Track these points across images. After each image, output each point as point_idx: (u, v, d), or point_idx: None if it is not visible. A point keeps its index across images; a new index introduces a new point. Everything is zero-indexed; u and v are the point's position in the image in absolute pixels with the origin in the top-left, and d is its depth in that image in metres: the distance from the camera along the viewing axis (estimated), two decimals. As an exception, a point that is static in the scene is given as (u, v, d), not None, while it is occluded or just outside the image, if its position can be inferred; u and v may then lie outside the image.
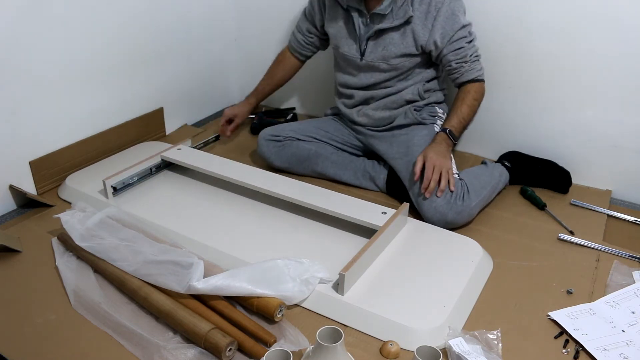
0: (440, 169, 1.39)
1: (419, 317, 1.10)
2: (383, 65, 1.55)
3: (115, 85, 1.75)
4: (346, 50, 1.59)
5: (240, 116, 1.84)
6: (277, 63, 1.83)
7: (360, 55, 1.56)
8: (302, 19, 1.74)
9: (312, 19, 1.70)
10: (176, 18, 1.90)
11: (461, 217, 1.41)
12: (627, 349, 1.06)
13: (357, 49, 1.57)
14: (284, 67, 1.82)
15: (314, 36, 1.73)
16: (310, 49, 1.78)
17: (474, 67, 1.52)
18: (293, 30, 1.78)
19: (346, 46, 1.59)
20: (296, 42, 1.76)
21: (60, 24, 1.52)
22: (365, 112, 1.64)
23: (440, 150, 1.43)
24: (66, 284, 1.21)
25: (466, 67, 1.51)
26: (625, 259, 1.34)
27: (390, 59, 1.53)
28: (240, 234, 1.38)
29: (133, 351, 1.04)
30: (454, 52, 1.49)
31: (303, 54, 1.79)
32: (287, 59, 1.81)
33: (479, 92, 1.54)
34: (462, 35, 1.48)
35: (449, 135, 1.48)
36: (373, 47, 1.54)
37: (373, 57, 1.55)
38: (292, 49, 1.79)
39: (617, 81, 1.54)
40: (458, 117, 1.50)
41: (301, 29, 1.74)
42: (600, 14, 1.49)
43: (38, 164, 1.56)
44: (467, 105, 1.51)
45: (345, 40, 1.59)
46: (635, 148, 1.59)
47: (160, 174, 1.68)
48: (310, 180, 1.65)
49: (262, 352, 0.99)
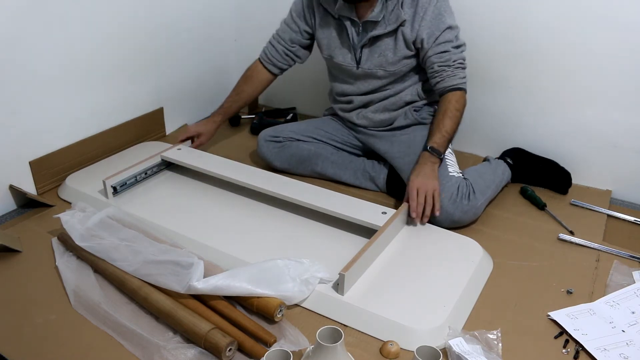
0: (424, 192, 1.36)
1: (419, 317, 1.10)
2: (380, 72, 1.54)
3: (115, 85, 1.75)
4: (341, 60, 1.57)
5: (206, 135, 1.75)
6: (246, 79, 1.72)
7: (356, 63, 1.55)
8: (284, 29, 1.65)
9: (297, 28, 1.63)
10: (176, 18, 1.90)
11: (467, 217, 1.41)
12: (627, 349, 1.06)
13: (352, 58, 1.55)
14: (253, 83, 1.72)
15: (296, 46, 1.66)
16: (289, 61, 1.69)
17: (456, 74, 1.46)
18: (270, 42, 1.69)
19: (340, 56, 1.57)
20: (275, 53, 1.67)
21: (61, 24, 1.52)
22: (365, 115, 1.64)
23: (424, 172, 1.39)
24: (66, 284, 1.21)
25: (448, 72, 1.46)
26: (625, 259, 1.34)
27: (388, 66, 1.52)
28: (240, 234, 1.38)
29: (133, 351, 1.04)
30: (438, 55, 1.45)
31: (279, 67, 1.69)
32: (259, 73, 1.71)
33: (460, 102, 1.46)
34: (449, 39, 1.45)
35: (432, 152, 1.42)
36: (368, 54, 1.53)
37: (370, 64, 1.53)
38: (267, 61, 1.69)
39: (617, 81, 1.54)
40: (440, 132, 1.43)
41: (282, 39, 1.65)
42: (600, 14, 1.49)
43: (38, 164, 1.56)
44: (449, 117, 1.44)
45: (339, 50, 1.57)
46: (635, 148, 1.59)
47: (160, 174, 1.68)
48: (310, 180, 1.65)
49: (262, 352, 0.99)
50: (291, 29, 1.64)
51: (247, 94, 1.73)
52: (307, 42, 1.67)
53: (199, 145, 1.76)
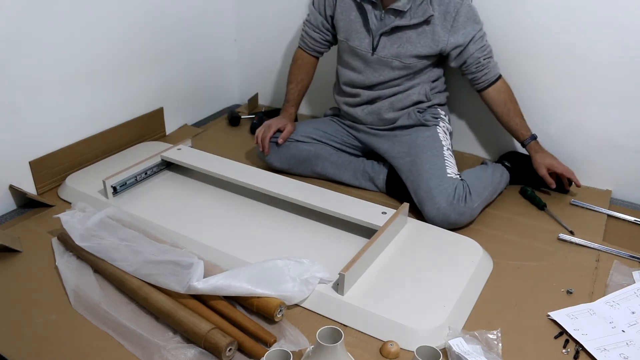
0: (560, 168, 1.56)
1: (419, 317, 1.10)
2: (395, 63, 1.53)
3: (115, 85, 1.75)
4: (357, 44, 1.56)
5: (290, 126, 1.71)
6: (299, 67, 1.75)
7: (372, 49, 1.54)
8: (315, 15, 1.66)
9: (324, 13, 1.64)
10: (176, 18, 1.90)
11: (463, 218, 1.41)
12: (627, 349, 1.06)
13: (369, 43, 1.54)
14: (307, 69, 1.75)
15: (327, 31, 1.67)
16: (327, 45, 1.71)
17: (494, 63, 1.56)
18: (304, 29, 1.70)
19: (357, 40, 1.56)
20: (312, 40, 1.69)
21: (61, 24, 1.52)
22: (371, 111, 1.63)
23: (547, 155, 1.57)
24: (66, 284, 1.21)
25: (492, 62, 1.54)
26: (625, 259, 1.34)
27: (405, 58, 1.52)
28: (240, 234, 1.38)
29: (133, 351, 1.04)
30: (481, 49, 1.51)
31: (320, 51, 1.73)
32: (306, 59, 1.74)
33: (508, 84, 1.58)
34: (482, 35, 1.52)
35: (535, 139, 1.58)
36: (386, 43, 1.52)
37: (386, 53, 1.53)
38: (308, 47, 1.71)
39: (617, 81, 1.54)
40: (522, 120, 1.58)
41: (315, 25, 1.66)
42: (600, 13, 1.49)
43: (38, 164, 1.56)
44: (515, 103, 1.57)
45: (357, 34, 1.56)
46: (635, 148, 1.59)
47: (160, 174, 1.68)
48: (310, 180, 1.65)
49: (262, 352, 0.99)
50: (320, 14, 1.65)
51: (306, 80, 1.77)
52: (332, 24, 1.66)
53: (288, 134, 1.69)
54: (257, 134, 1.70)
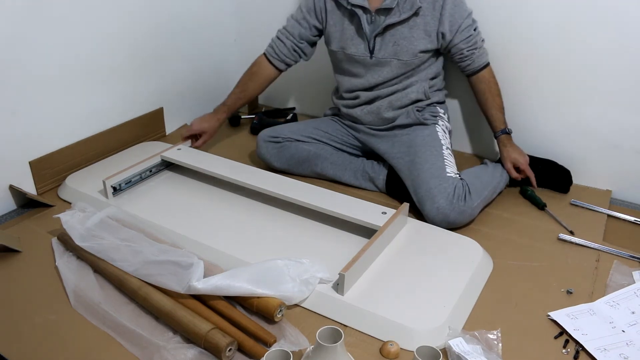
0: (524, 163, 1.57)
1: (419, 317, 1.10)
2: (394, 61, 1.54)
3: (115, 85, 1.75)
4: (354, 51, 1.57)
5: (210, 133, 1.74)
6: (251, 75, 1.70)
7: (369, 53, 1.55)
8: (293, 25, 1.64)
9: (306, 24, 1.63)
10: (176, 18, 1.90)
11: (463, 218, 1.41)
12: (627, 349, 1.06)
13: (365, 47, 1.55)
14: (258, 79, 1.70)
15: (304, 42, 1.66)
16: (296, 57, 1.68)
17: (482, 52, 1.57)
18: (277, 37, 1.67)
19: (353, 47, 1.56)
20: (283, 48, 1.65)
21: (61, 24, 1.52)
22: (370, 110, 1.63)
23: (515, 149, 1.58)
24: (66, 284, 1.21)
25: (477, 53, 1.55)
26: (625, 259, 1.34)
27: (402, 55, 1.52)
28: (240, 234, 1.38)
29: (133, 351, 1.04)
30: (465, 40, 1.52)
31: (286, 62, 1.68)
32: (264, 68, 1.69)
33: (493, 75, 1.60)
34: (469, 24, 1.52)
35: (507, 132, 1.59)
36: (382, 43, 1.52)
37: (384, 53, 1.53)
38: (275, 56, 1.67)
39: (617, 81, 1.54)
40: (500, 111, 1.59)
41: (291, 34, 1.64)
42: (600, 13, 1.49)
43: (38, 164, 1.56)
44: (496, 94, 1.58)
45: (352, 41, 1.56)
46: (635, 148, 1.59)
47: (160, 174, 1.68)
48: (310, 180, 1.65)
49: (262, 352, 0.99)
50: (301, 25, 1.64)
51: (252, 90, 1.73)
52: (314, 38, 1.67)
53: (202, 143, 1.75)
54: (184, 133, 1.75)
